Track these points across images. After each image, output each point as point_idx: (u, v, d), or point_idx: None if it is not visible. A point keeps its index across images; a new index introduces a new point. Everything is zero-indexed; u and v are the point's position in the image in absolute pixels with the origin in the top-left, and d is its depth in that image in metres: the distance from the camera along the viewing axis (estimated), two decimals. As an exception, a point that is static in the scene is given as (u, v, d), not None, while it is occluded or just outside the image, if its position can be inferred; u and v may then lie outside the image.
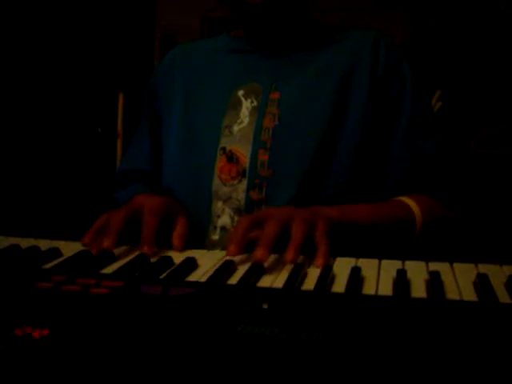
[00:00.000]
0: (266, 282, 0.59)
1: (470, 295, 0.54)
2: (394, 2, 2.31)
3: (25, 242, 0.73)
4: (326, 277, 0.58)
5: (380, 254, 0.67)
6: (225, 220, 0.87)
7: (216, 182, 0.87)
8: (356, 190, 0.86)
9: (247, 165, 0.86)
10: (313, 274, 0.61)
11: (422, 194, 0.86)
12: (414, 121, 0.88)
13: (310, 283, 0.58)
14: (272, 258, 0.67)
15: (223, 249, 0.81)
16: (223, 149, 0.88)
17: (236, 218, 0.86)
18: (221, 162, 0.87)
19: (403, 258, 0.66)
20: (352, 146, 0.86)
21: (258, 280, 0.60)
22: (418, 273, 0.60)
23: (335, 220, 0.72)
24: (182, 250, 0.74)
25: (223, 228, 0.87)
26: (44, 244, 0.74)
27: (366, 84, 0.87)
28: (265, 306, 0.48)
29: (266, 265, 0.64)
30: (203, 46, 1.01)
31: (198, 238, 0.88)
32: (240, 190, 0.86)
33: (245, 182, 0.86)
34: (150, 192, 0.97)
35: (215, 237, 0.88)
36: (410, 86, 0.88)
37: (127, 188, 1.01)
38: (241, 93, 0.90)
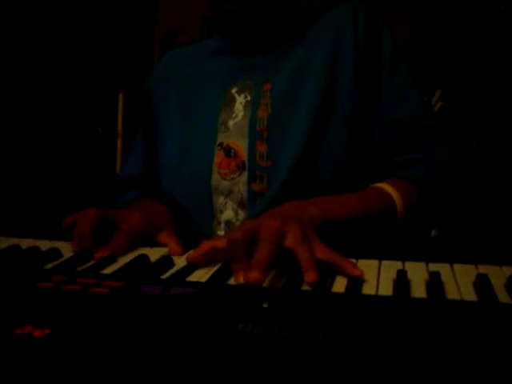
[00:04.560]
0: (265, 281, 0.59)
1: (469, 295, 0.54)
2: (395, 1, 2.31)
3: (25, 243, 0.73)
4: (326, 277, 0.58)
5: (380, 255, 0.67)
6: (228, 214, 0.87)
7: (215, 176, 0.87)
8: (352, 168, 0.85)
9: (246, 157, 0.86)
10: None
11: (397, 176, 0.84)
12: (390, 92, 0.86)
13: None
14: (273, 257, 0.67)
15: None
16: (220, 144, 0.88)
17: (239, 212, 0.86)
18: (219, 157, 0.88)
19: (403, 259, 0.66)
20: (344, 123, 0.84)
21: (258, 280, 0.59)
22: (418, 273, 0.60)
23: (317, 221, 0.68)
24: (182, 253, 0.73)
25: (228, 222, 0.87)
26: (44, 244, 0.74)
27: (350, 59, 0.86)
28: (265, 306, 0.48)
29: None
30: (194, 50, 1.03)
31: (203, 235, 0.88)
32: (241, 183, 0.86)
33: (245, 175, 0.86)
34: (146, 196, 0.99)
35: (221, 232, 0.88)
36: (388, 56, 0.87)
37: (124, 194, 1.02)
38: (234, 90, 0.91)
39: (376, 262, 0.65)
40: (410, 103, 0.86)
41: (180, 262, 0.67)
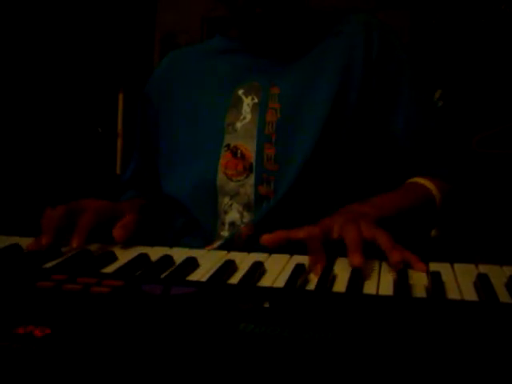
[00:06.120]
0: (267, 281, 0.59)
1: (470, 295, 0.54)
2: (395, 1, 2.31)
3: (25, 242, 0.73)
4: (327, 277, 0.58)
5: (381, 255, 0.67)
6: (233, 216, 0.87)
7: (221, 177, 0.87)
8: (359, 174, 0.87)
9: (253, 160, 0.86)
10: (313, 274, 0.61)
11: (425, 173, 0.88)
12: (414, 101, 0.89)
13: (310, 283, 0.58)
14: (273, 258, 0.67)
15: (231, 245, 0.83)
16: (227, 145, 0.88)
17: (245, 214, 0.86)
18: (225, 158, 0.88)
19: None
20: (352, 131, 0.86)
21: (259, 279, 0.60)
22: (418, 273, 0.60)
23: (374, 219, 0.72)
24: (122, 240, 0.75)
25: (232, 224, 0.87)
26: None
27: (361, 72, 0.87)
28: (266, 305, 0.48)
29: (266, 265, 0.64)
30: (197, 50, 1.02)
31: (207, 235, 0.88)
32: (248, 186, 0.86)
33: (252, 177, 0.86)
34: (140, 196, 1.01)
35: (224, 233, 0.88)
36: (405, 68, 0.89)
37: (123, 196, 1.05)
38: (241, 91, 0.90)
39: (377, 261, 0.65)
40: (432, 116, 0.90)
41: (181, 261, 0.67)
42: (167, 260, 0.65)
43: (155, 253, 0.69)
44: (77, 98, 2.39)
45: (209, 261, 0.67)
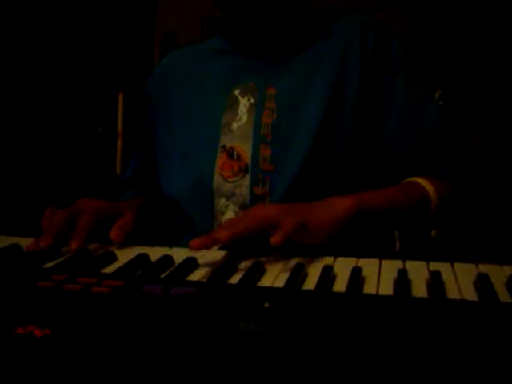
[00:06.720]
0: (266, 281, 0.59)
1: (470, 295, 0.54)
2: (394, 2, 2.31)
3: (25, 242, 0.73)
4: (327, 277, 0.58)
5: (381, 254, 0.67)
6: (230, 217, 0.87)
7: (217, 178, 0.87)
8: (355, 175, 0.86)
9: (249, 160, 0.86)
10: (313, 274, 0.61)
11: (424, 174, 0.86)
12: (408, 101, 0.88)
13: (310, 283, 0.58)
14: (273, 258, 0.67)
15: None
16: (223, 146, 0.88)
17: (241, 215, 0.86)
18: (221, 159, 0.88)
19: (404, 258, 0.66)
20: (348, 132, 0.86)
21: (258, 280, 0.60)
22: (418, 273, 0.60)
23: (351, 210, 0.73)
24: (119, 241, 0.75)
25: None
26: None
27: (358, 73, 0.87)
28: (266, 305, 0.48)
29: (266, 265, 0.64)
30: (196, 50, 1.03)
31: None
32: (243, 186, 0.86)
33: (248, 178, 0.86)
34: (139, 196, 1.00)
35: None
36: (401, 71, 0.88)
37: (122, 196, 1.05)
38: (237, 92, 0.90)
39: (377, 261, 0.65)
40: (428, 115, 0.88)
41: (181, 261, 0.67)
42: (167, 260, 0.65)
43: (155, 253, 0.70)
44: (77, 98, 2.39)
45: (209, 261, 0.67)
